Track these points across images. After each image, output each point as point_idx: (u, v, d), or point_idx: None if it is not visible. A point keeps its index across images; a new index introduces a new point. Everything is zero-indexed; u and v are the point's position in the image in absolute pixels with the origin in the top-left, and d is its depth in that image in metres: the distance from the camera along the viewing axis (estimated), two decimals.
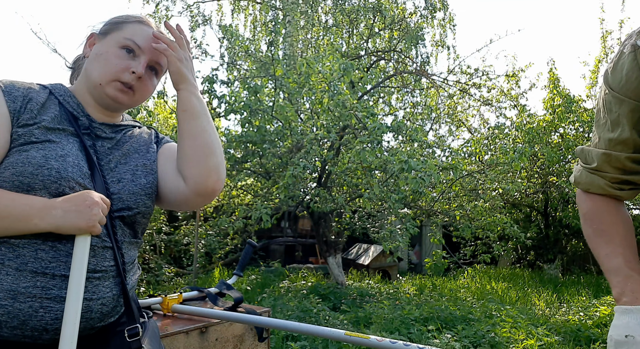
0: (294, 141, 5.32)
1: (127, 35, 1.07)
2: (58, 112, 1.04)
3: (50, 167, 0.93)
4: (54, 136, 0.99)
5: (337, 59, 5.14)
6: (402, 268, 9.74)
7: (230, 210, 7.64)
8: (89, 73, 1.07)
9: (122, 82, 1.05)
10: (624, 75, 0.89)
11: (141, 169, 1.11)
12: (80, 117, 1.07)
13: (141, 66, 1.07)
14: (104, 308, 0.98)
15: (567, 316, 4.75)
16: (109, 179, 1.04)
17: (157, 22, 8.62)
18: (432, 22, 8.26)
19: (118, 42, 1.07)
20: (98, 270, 0.97)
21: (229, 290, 1.87)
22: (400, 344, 1.12)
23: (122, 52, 1.06)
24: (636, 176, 0.97)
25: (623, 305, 0.86)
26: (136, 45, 1.07)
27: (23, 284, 0.89)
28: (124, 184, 1.06)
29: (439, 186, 6.04)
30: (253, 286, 6.42)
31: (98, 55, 1.06)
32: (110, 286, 1.00)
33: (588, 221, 1.02)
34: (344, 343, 3.42)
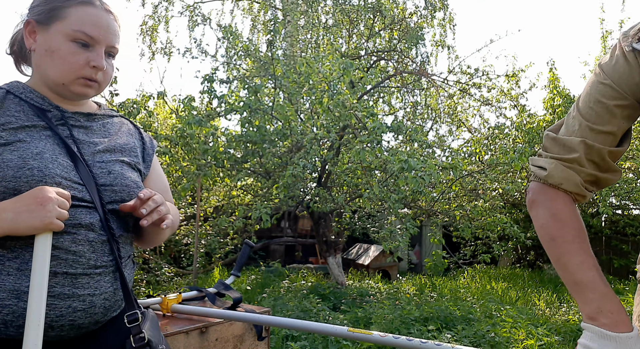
0: (294, 141, 5.32)
1: (75, 27, 0.99)
2: (21, 110, 0.99)
3: (31, 167, 0.90)
4: (23, 134, 0.95)
5: (337, 59, 5.14)
6: (402, 268, 9.74)
7: (230, 210, 7.63)
8: (45, 71, 1.01)
9: (84, 78, 1.01)
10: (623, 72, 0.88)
11: (127, 166, 1.09)
12: (49, 109, 1.02)
13: (100, 58, 1.01)
14: (106, 303, 0.99)
15: (567, 316, 4.75)
16: (97, 170, 1.01)
17: (157, 22, 8.64)
18: (432, 22, 8.26)
19: (67, 35, 0.99)
20: (99, 265, 0.97)
21: (227, 290, 1.87)
22: (403, 339, 1.12)
23: (75, 46, 0.99)
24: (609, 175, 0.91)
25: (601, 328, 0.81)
26: (88, 36, 1.00)
27: (25, 283, 0.88)
28: (116, 176, 1.03)
29: (439, 186, 6.04)
30: (253, 286, 6.42)
31: (49, 53, 0.99)
32: (111, 280, 1.00)
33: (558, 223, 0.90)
34: (344, 343, 3.42)
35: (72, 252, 0.93)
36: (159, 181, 1.23)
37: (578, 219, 0.91)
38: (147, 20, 8.66)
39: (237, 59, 6.69)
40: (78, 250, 0.94)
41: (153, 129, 5.37)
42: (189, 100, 5.27)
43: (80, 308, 0.94)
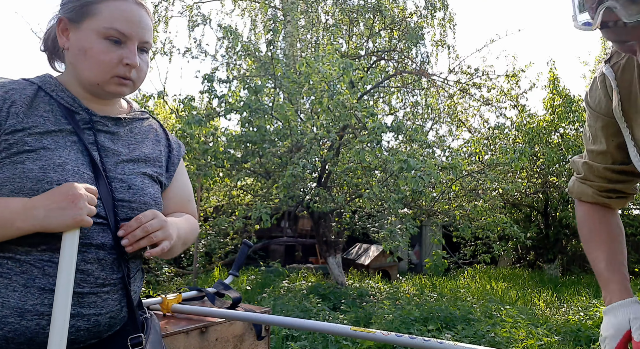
0: (294, 141, 5.32)
1: (106, 24, 0.95)
2: (50, 110, 0.97)
3: (50, 181, 0.88)
4: (48, 140, 0.93)
5: (337, 59, 5.14)
6: (402, 268, 9.74)
7: (230, 210, 7.63)
8: (80, 71, 0.98)
9: (118, 76, 0.98)
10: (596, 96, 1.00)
11: (148, 179, 1.05)
12: (78, 111, 1.00)
13: (134, 55, 0.98)
14: (111, 321, 0.97)
15: (567, 316, 4.75)
16: (117, 184, 0.98)
17: (157, 23, 8.63)
18: (432, 21, 8.26)
19: (99, 33, 0.96)
20: (107, 284, 0.94)
21: (227, 290, 1.87)
22: (405, 338, 1.12)
23: (107, 44, 0.96)
24: (621, 185, 1.04)
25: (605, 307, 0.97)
26: (120, 33, 0.96)
27: (30, 302, 0.86)
28: (135, 192, 1.00)
29: (439, 186, 6.04)
30: (253, 286, 6.42)
31: (83, 52, 0.96)
32: (119, 298, 0.98)
33: (579, 227, 1.10)
34: (344, 343, 3.42)
35: (80, 270, 0.90)
36: (181, 191, 1.19)
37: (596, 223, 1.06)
38: None
39: (237, 59, 6.69)
40: (87, 269, 0.91)
41: None
42: (189, 100, 5.27)
43: (84, 327, 0.92)
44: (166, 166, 1.14)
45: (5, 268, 0.87)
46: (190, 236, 1.15)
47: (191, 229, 1.16)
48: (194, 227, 1.19)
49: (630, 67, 0.91)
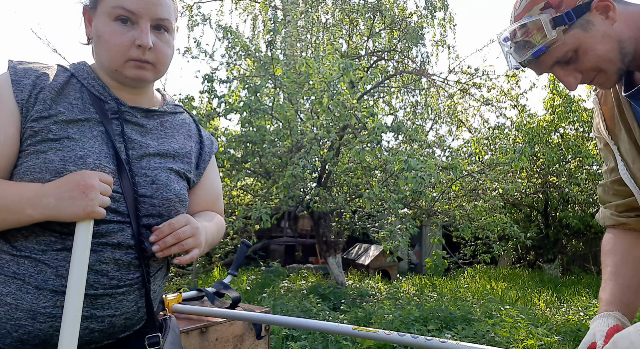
0: (294, 141, 5.32)
1: (113, 3, 0.90)
2: (80, 97, 0.94)
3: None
4: (74, 130, 0.90)
5: (337, 59, 5.14)
6: (402, 268, 9.74)
7: (230, 210, 7.63)
8: (101, 59, 0.95)
9: (133, 60, 0.92)
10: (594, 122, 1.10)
11: (174, 175, 1.01)
12: (107, 100, 0.96)
13: (145, 35, 0.91)
14: (127, 322, 0.95)
15: (567, 316, 4.75)
16: (140, 179, 0.95)
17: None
18: (432, 21, 8.25)
19: (109, 14, 0.91)
20: (122, 285, 0.91)
21: (226, 290, 1.87)
22: (408, 337, 1.12)
23: (117, 25, 0.91)
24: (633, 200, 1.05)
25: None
26: (128, 11, 0.90)
27: (43, 304, 0.85)
28: (158, 187, 0.96)
29: (439, 186, 6.04)
30: (253, 286, 6.42)
31: (98, 38, 0.93)
32: (135, 299, 0.94)
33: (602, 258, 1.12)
34: (344, 343, 3.42)
35: (94, 271, 0.87)
36: (211, 189, 1.15)
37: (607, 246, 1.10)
38: None
39: (237, 59, 6.69)
40: (102, 269, 0.88)
41: None
42: (189, 100, 5.26)
43: (98, 329, 0.90)
44: (196, 163, 1.10)
45: (22, 268, 0.85)
46: (217, 238, 1.13)
47: (218, 232, 1.13)
48: (221, 229, 1.15)
49: (609, 93, 1.01)
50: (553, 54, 0.91)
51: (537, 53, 0.91)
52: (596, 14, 0.89)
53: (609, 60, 0.90)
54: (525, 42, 0.92)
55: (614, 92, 1.01)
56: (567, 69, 0.93)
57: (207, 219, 1.08)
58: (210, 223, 1.08)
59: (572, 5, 0.89)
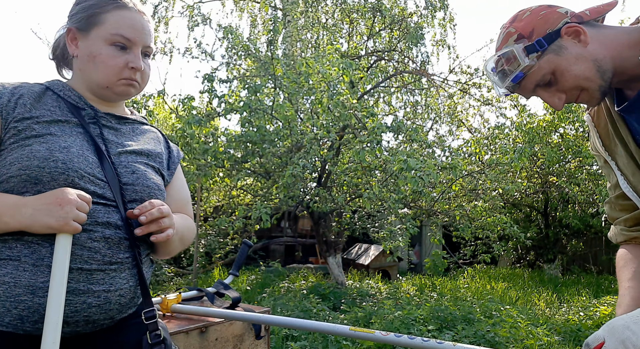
0: (294, 141, 5.32)
1: (112, 31, 1.04)
2: (57, 106, 1.04)
3: (56, 159, 0.93)
4: (55, 128, 0.99)
5: (337, 59, 5.14)
6: (402, 268, 9.74)
7: (230, 210, 7.63)
8: (89, 76, 1.06)
9: (125, 78, 1.06)
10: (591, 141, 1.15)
11: (151, 169, 1.12)
12: (84, 108, 1.07)
13: (138, 59, 1.07)
14: (121, 299, 1.00)
15: (567, 316, 4.75)
16: (122, 169, 1.04)
17: (157, 22, 8.63)
18: (432, 21, 8.24)
19: (106, 39, 1.04)
20: (114, 262, 0.98)
21: (226, 290, 1.87)
22: (404, 338, 1.12)
23: (114, 50, 1.05)
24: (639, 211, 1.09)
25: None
26: (126, 39, 1.05)
27: (41, 279, 0.89)
28: (139, 176, 1.06)
29: (439, 186, 6.04)
30: (253, 286, 6.42)
31: (91, 58, 1.05)
32: (127, 277, 1.01)
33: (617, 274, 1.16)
34: (343, 343, 3.42)
35: (87, 248, 0.94)
36: (181, 191, 1.25)
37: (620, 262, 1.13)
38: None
39: (237, 59, 6.69)
40: (93, 246, 0.95)
41: None
42: (189, 100, 5.27)
43: (95, 304, 0.95)
44: (167, 164, 1.21)
45: (15, 251, 0.91)
46: (187, 234, 1.19)
47: (188, 228, 1.20)
48: (191, 227, 1.23)
49: (601, 110, 1.07)
50: (532, 78, 1.01)
51: (516, 79, 1.01)
52: (568, 39, 0.97)
53: (587, 79, 0.97)
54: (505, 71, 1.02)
55: (605, 109, 1.06)
56: (549, 90, 1.02)
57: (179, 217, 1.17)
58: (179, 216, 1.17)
59: (543, 33, 0.98)
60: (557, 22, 0.98)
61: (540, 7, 1.02)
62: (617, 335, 0.80)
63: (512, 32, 1.01)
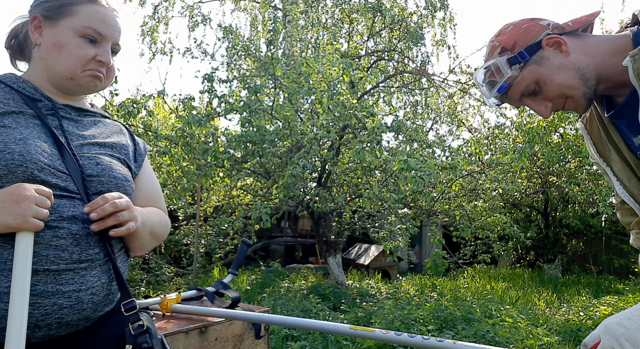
0: (294, 141, 5.32)
1: (84, 23, 1.02)
2: (11, 98, 0.99)
3: (12, 152, 0.88)
4: (9, 120, 0.94)
5: (337, 59, 5.14)
6: (402, 268, 9.73)
7: (230, 210, 7.63)
8: (53, 65, 1.02)
9: (91, 70, 1.04)
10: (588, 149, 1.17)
11: (117, 160, 1.08)
12: (40, 99, 1.03)
13: (107, 54, 1.05)
14: (94, 298, 0.96)
15: (567, 316, 4.75)
16: (85, 161, 1.00)
17: (157, 22, 8.62)
18: (432, 21, 8.25)
19: (77, 31, 1.02)
20: (83, 260, 0.93)
21: (226, 289, 1.87)
22: (405, 336, 1.12)
23: (83, 41, 1.02)
24: None
25: None
26: (97, 33, 1.03)
27: (5, 284, 0.85)
28: (104, 168, 1.02)
29: (439, 186, 6.04)
30: (253, 286, 6.42)
31: (58, 47, 1.01)
32: (98, 274, 0.96)
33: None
34: (343, 343, 3.42)
35: (53, 247, 0.89)
36: (150, 184, 1.20)
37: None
38: (147, 20, 8.66)
39: (237, 59, 6.69)
40: (60, 244, 0.90)
41: (153, 128, 5.37)
42: (189, 100, 5.27)
43: (67, 305, 0.91)
44: (134, 156, 1.17)
45: None
46: (159, 228, 1.15)
47: (160, 222, 1.16)
48: (163, 222, 1.18)
49: (593, 117, 1.10)
50: (517, 88, 1.05)
51: (501, 89, 1.05)
52: (549, 49, 1.01)
53: (571, 87, 1.00)
54: (492, 82, 1.07)
55: (597, 116, 1.09)
56: (536, 99, 1.05)
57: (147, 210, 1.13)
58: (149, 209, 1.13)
59: (524, 45, 1.02)
60: (539, 34, 1.02)
61: (523, 20, 1.06)
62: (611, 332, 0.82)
63: (497, 46, 1.06)
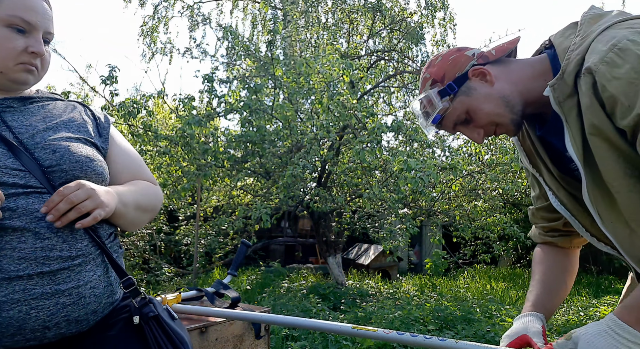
0: (294, 141, 5.32)
1: (9, 12, 0.95)
2: None
3: None
4: None
5: (336, 59, 5.14)
6: (402, 268, 9.73)
7: (230, 210, 7.63)
8: None
9: (23, 63, 0.98)
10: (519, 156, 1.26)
11: (76, 141, 1.02)
12: None
13: (40, 44, 0.99)
14: (95, 291, 0.95)
15: (567, 316, 4.75)
16: (39, 153, 0.94)
17: (157, 22, 8.62)
18: (432, 21, 8.25)
19: (2, 21, 0.95)
20: (74, 256, 0.92)
21: (226, 290, 1.87)
22: (407, 336, 1.12)
23: (11, 32, 0.96)
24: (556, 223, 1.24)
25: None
26: (25, 22, 0.96)
27: (1, 293, 0.84)
28: (62, 154, 0.96)
29: (439, 186, 6.04)
30: (253, 286, 6.42)
31: None
32: (93, 268, 0.96)
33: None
34: (343, 343, 3.42)
35: (39, 249, 0.87)
36: (125, 156, 1.15)
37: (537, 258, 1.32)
38: (147, 20, 8.67)
39: (237, 59, 6.69)
40: (45, 245, 0.88)
41: (153, 128, 5.37)
42: (189, 100, 5.26)
43: (69, 302, 0.91)
44: (97, 131, 1.12)
45: None
46: (145, 199, 1.11)
47: (145, 193, 1.12)
48: (150, 191, 1.14)
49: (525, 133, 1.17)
50: (449, 119, 1.12)
51: (435, 120, 1.13)
52: (475, 80, 1.06)
53: (498, 115, 1.05)
54: (426, 113, 1.13)
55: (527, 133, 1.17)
56: (468, 127, 1.12)
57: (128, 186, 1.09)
58: (127, 185, 1.09)
59: (453, 77, 1.07)
60: (465, 65, 1.07)
61: (450, 51, 1.11)
62: None
63: (428, 78, 1.12)
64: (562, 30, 1.04)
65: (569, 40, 0.99)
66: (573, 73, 0.92)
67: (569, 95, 0.93)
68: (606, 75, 0.84)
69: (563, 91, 0.93)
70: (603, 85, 0.85)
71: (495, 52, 1.09)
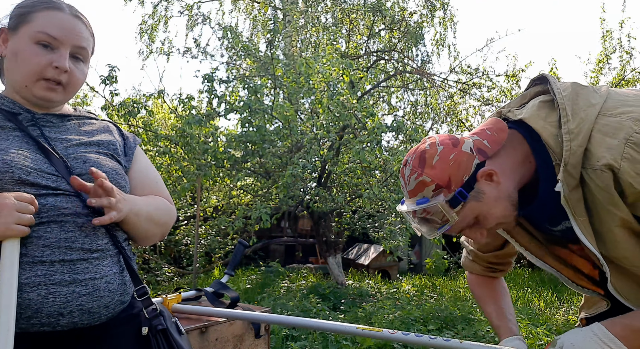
0: (294, 141, 5.32)
1: (38, 28, 1.00)
2: None
3: None
4: None
5: (336, 59, 5.15)
6: (402, 268, 9.73)
7: (230, 210, 7.62)
8: (12, 75, 1.03)
9: (47, 79, 1.01)
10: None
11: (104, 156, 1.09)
12: (19, 112, 1.03)
13: (63, 59, 1.01)
14: (110, 286, 1.00)
15: (567, 316, 4.75)
16: (72, 162, 1.01)
17: (156, 21, 8.63)
18: (432, 21, 8.26)
19: (31, 38, 1.00)
20: (94, 249, 0.99)
21: (224, 289, 1.87)
22: (412, 336, 1.13)
23: (37, 48, 1.00)
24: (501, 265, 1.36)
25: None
26: (51, 37, 1.00)
27: (24, 276, 0.89)
28: (92, 164, 1.03)
29: None
30: (253, 286, 6.42)
31: (14, 55, 1.01)
32: (110, 264, 1.01)
33: (472, 290, 1.44)
34: (343, 343, 3.42)
35: (63, 239, 0.94)
36: (144, 172, 1.21)
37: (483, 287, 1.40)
38: (146, 19, 8.67)
39: (237, 59, 6.69)
40: (69, 237, 0.95)
41: (153, 128, 5.37)
42: (189, 99, 5.26)
43: (85, 292, 0.95)
44: (124, 151, 1.18)
45: None
46: (158, 213, 1.15)
47: (158, 207, 1.16)
48: (163, 206, 1.19)
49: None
50: (458, 226, 1.04)
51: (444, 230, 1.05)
52: (483, 182, 0.99)
53: (506, 216, 1.03)
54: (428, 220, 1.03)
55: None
56: (472, 229, 1.07)
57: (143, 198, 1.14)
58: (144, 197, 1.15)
59: (460, 182, 0.98)
60: (469, 166, 0.98)
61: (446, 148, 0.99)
62: None
63: (428, 182, 0.98)
64: (534, 110, 1.01)
65: (552, 125, 0.96)
66: (579, 165, 0.91)
67: (574, 187, 0.92)
68: (630, 172, 0.86)
69: (569, 184, 0.92)
70: (629, 183, 0.87)
71: (490, 144, 1.01)
